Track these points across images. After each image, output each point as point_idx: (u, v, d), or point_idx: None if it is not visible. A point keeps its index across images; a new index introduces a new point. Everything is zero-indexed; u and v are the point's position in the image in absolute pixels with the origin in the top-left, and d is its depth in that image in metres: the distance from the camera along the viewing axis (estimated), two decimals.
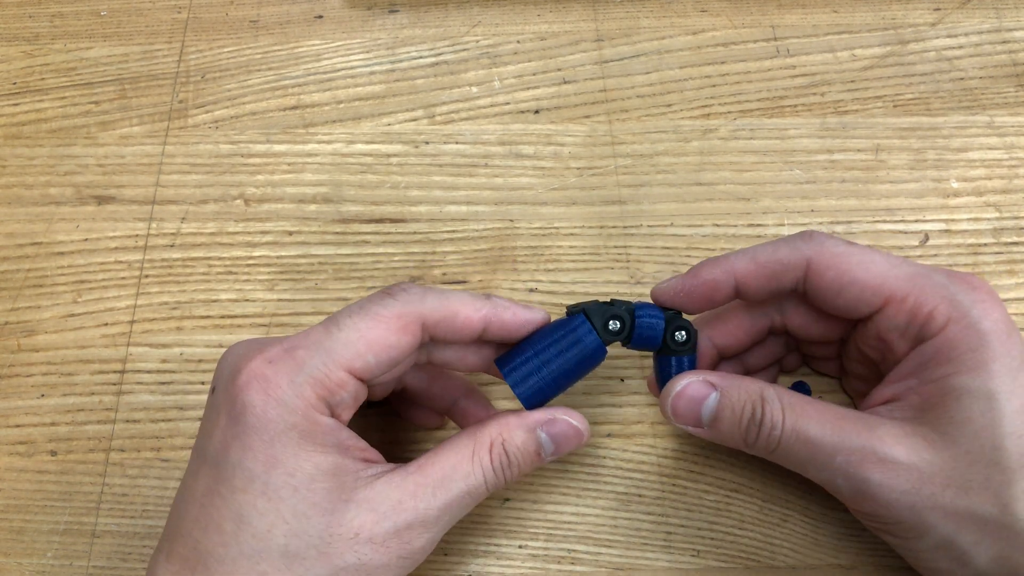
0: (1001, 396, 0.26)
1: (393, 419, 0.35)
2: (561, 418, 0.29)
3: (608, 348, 0.30)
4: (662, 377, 0.31)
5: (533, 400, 0.29)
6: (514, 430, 0.29)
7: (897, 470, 0.27)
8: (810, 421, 0.28)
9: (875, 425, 0.28)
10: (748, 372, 0.34)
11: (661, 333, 0.30)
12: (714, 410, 0.29)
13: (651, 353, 0.32)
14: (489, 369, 0.31)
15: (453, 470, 0.27)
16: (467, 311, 0.28)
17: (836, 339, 0.33)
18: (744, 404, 0.29)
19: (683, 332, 0.30)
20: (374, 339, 0.27)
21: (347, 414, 0.28)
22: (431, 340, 0.29)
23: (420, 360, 0.31)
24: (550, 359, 0.29)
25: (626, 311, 0.30)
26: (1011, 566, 0.27)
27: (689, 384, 0.30)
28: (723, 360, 0.33)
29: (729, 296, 0.30)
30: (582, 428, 0.29)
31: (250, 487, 0.26)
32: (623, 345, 0.31)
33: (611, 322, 0.29)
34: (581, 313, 0.30)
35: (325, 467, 0.26)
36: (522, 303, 0.30)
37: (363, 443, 0.28)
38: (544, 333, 0.30)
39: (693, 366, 0.31)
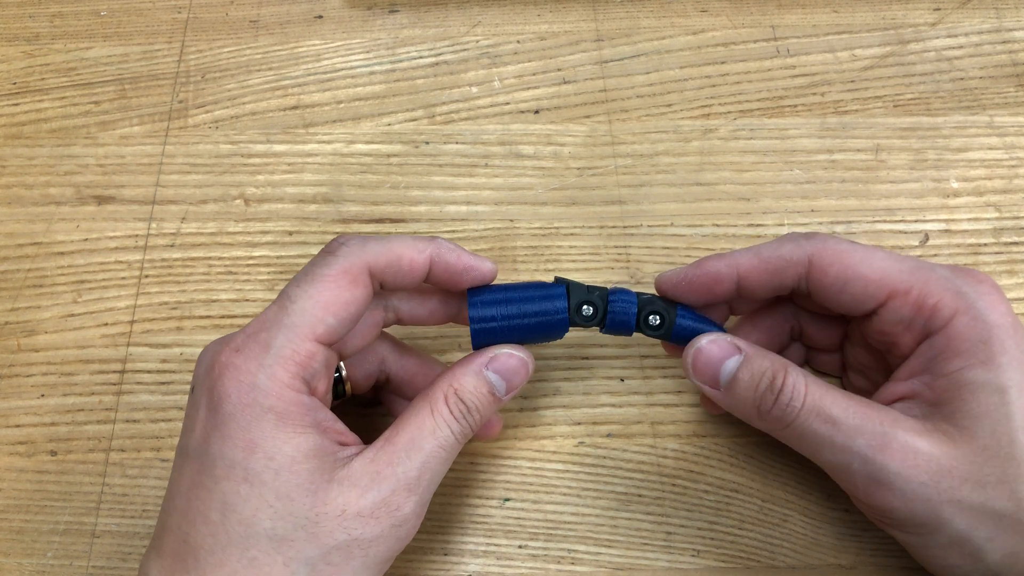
0: (1012, 390, 0.26)
1: (387, 419, 0.35)
2: (502, 352, 0.30)
3: (587, 332, 0.30)
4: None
5: (482, 338, 0.30)
6: (461, 377, 0.29)
7: (918, 460, 0.26)
8: (834, 400, 0.28)
9: (897, 416, 0.27)
10: None
11: (633, 319, 0.30)
12: (733, 372, 0.29)
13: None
14: (459, 317, 0.32)
15: (418, 430, 0.28)
16: (410, 253, 0.29)
17: (839, 338, 0.33)
18: (765, 371, 0.28)
19: (656, 316, 0.31)
20: (328, 300, 0.27)
21: (323, 385, 0.28)
22: (382, 288, 0.29)
23: (389, 321, 0.31)
24: (516, 311, 0.30)
25: (599, 298, 0.30)
26: (1022, 562, 0.27)
27: (714, 341, 0.29)
28: None
29: (730, 290, 0.31)
30: (524, 357, 0.30)
31: (232, 474, 0.26)
32: (600, 331, 0.31)
33: (584, 307, 0.30)
34: (564, 286, 0.30)
35: (305, 448, 0.26)
36: (471, 252, 0.30)
37: (341, 425, 0.28)
38: (522, 286, 0.30)
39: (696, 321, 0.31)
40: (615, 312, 0.30)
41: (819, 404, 0.27)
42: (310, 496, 0.26)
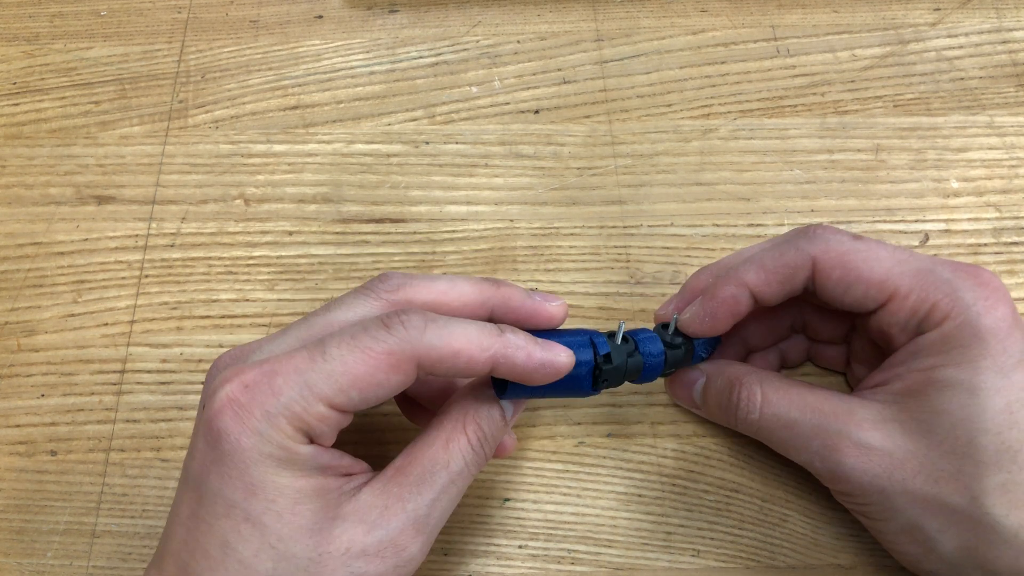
0: (985, 392, 0.27)
1: (377, 418, 0.35)
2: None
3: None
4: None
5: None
6: (478, 406, 0.28)
7: (870, 455, 0.28)
8: (791, 404, 0.30)
9: (854, 409, 0.29)
10: (749, 351, 0.35)
11: (661, 369, 0.31)
12: (701, 392, 0.33)
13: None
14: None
15: (432, 462, 0.27)
16: (471, 351, 0.26)
17: (844, 331, 0.34)
18: (723, 387, 0.31)
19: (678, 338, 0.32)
20: (360, 375, 0.25)
21: (329, 440, 0.26)
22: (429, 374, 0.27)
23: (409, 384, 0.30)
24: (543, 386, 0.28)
25: (635, 369, 0.30)
26: (977, 557, 0.27)
27: (682, 369, 0.33)
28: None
29: (750, 306, 0.31)
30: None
31: (232, 513, 0.25)
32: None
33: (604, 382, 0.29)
34: (591, 361, 0.28)
35: (308, 491, 0.25)
36: (539, 341, 0.27)
37: (346, 460, 0.27)
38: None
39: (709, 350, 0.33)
40: (648, 367, 0.30)
41: (777, 410, 0.30)
42: (314, 536, 0.25)
